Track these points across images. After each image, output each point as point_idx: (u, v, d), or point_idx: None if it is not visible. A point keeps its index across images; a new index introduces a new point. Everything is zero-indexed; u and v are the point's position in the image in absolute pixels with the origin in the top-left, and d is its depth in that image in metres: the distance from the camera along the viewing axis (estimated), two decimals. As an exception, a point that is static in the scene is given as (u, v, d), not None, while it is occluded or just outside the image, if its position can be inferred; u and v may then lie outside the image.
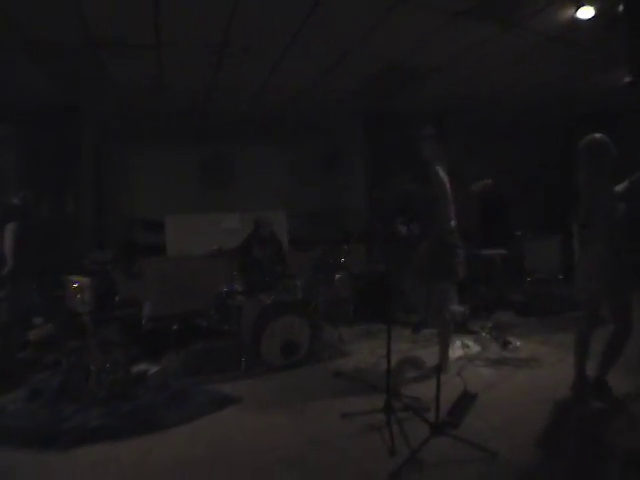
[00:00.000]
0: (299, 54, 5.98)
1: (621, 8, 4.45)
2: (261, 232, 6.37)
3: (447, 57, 6.36)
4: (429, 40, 5.72)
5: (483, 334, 5.78)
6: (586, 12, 5.03)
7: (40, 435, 3.58)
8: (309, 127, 9.87)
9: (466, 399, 3.90)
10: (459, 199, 5.54)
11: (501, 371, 4.74)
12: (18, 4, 4.40)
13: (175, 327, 6.14)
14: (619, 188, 3.91)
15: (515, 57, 6.36)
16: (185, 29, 5.15)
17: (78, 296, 4.42)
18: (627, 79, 4.93)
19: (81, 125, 7.90)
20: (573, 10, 5.03)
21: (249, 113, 8.68)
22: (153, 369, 4.92)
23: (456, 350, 5.32)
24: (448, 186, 4.76)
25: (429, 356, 5.14)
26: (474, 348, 5.40)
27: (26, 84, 6.54)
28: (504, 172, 10.19)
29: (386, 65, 6.55)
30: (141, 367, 4.87)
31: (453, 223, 4.72)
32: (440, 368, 3.65)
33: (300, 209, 9.81)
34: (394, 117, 9.06)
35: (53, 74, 6.24)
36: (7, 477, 3.16)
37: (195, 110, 8.36)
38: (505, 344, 5.43)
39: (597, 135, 3.98)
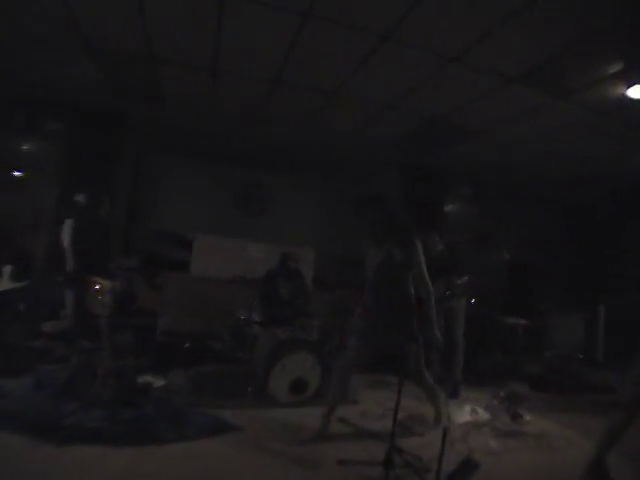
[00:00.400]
0: (350, 94, 6.11)
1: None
2: (287, 266, 6.39)
3: (491, 121, 6.47)
4: (475, 102, 5.84)
5: (495, 402, 5.65)
6: (637, 91, 5.08)
7: (39, 425, 3.60)
8: (349, 169, 9.96)
9: (468, 467, 3.79)
10: (487, 264, 5.57)
11: (508, 444, 4.59)
12: (85, 8, 4.61)
13: (187, 345, 6.17)
14: None
15: (561, 128, 6.42)
16: (243, 55, 5.33)
17: (99, 298, 4.48)
18: None
19: (127, 132, 8.16)
20: (624, 88, 5.10)
21: (294, 144, 8.81)
22: (159, 382, 4.93)
23: (464, 415, 5.19)
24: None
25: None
26: (483, 416, 5.26)
27: (84, 85, 6.75)
28: (534, 243, 10.19)
29: (429, 120, 6.66)
30: (147, 378, 4.88)
31: None
32: (445, 431, 3.56)
33: (329, 249, 9.84)
34: (431, 172, 9.15)
35: (111, 79, 6.46)
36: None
37: (240, 135, 8.51)
38: (515, 417, 5.28)
39: None
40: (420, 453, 3.95)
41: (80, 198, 5.81)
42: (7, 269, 5.32)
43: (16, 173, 7.56)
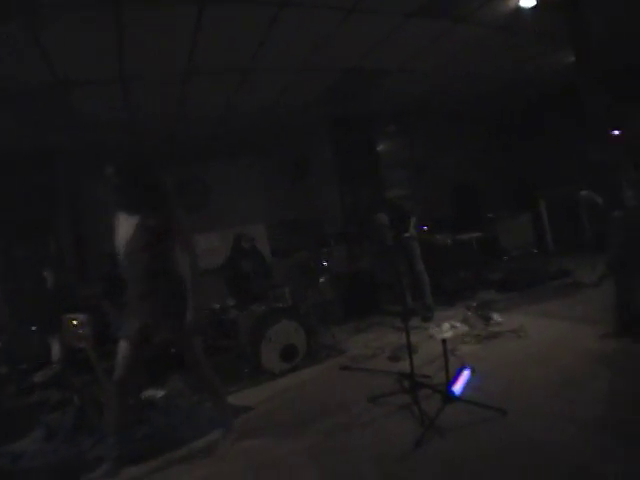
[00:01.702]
0: (261, 72, 6.21)
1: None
2: (243, 246, 6.51)
3: (402, 56, 6.64)
4: (383, 43, 5.99)
5: (469, 313, 6.04)
6: (528, 1, 5.38)
7: (65, 469, 3.66)
8: (277, 139, 10.04)
9: (465, 372, 4.10)
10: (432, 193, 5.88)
11: (490, 344, 5.01)
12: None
13: (174, 350, 6.27)
14: None
15: (466, 49, 6.67)
16: (149, 60, 5.31)
17: (80, 331, 4.50)
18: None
19: (54, 166, 7.94)
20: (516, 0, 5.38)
21: (217, 133, 8.83)
22: (160, 393, 5.04)
23: (445, 332, 5.56)
24: None
25: (419, 342, 5.39)
26: (462, 328, 5.63)
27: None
28: (471, 161, 10.61)
29: (344, 71, 6.79)
30: (149, 392, 5.00)
31: None
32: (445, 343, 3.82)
33: (277, 219, 9.99)
34: (358, 119, 9.31)
35: (22, 118, 6.32)
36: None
37: (164, 137, 8.48)
38: (487, 319, 5.72)
39: None
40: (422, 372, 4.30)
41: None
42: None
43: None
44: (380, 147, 9.77)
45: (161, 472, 3.49)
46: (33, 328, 5.99)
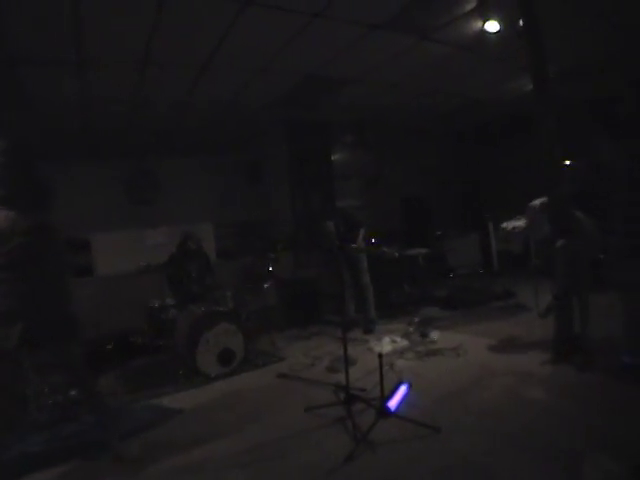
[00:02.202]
0: (219, 68, 6.08)
1: (521, 23, 4.82)
2: (189, 245, 6.38)
3: (365, 68, 6.63)
4: (346, 52, 5.97)
5: (410, 329, 6.06)
6: (492, 25, 5.48)
7: None
8: (232, 140, 9.93)
9: (402, 387, 4.10)
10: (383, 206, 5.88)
11: (429, 361, 5.03)
12: None
13: (110, 346, 6.10)
14: None
15: (429, 67, 6.74)
16: (107, 45, 5.12)
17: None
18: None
19: None
20: (481, 23, 5.47)
21: (171, 128, 8.64)
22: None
23: (385, 346, 5.55)
24: None
25: (358, 354, 5.40)
26: (402, 343, 5.64)
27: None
28: (423, 176, 10.71)
29: (305, 76, 6.75)
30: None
31: None
32: (380, 358, 3.80)
33: (226, 220, 9.88)
34: (315, 126, 9.27)
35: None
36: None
37: (117, 126, 8.22)
38: (424, 336, 5.77)
39: None
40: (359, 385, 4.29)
41: None
42: None
43: None
44: (335, 156, 9.75)
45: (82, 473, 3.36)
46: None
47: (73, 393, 4.41)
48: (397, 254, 7.39)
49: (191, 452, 3.49)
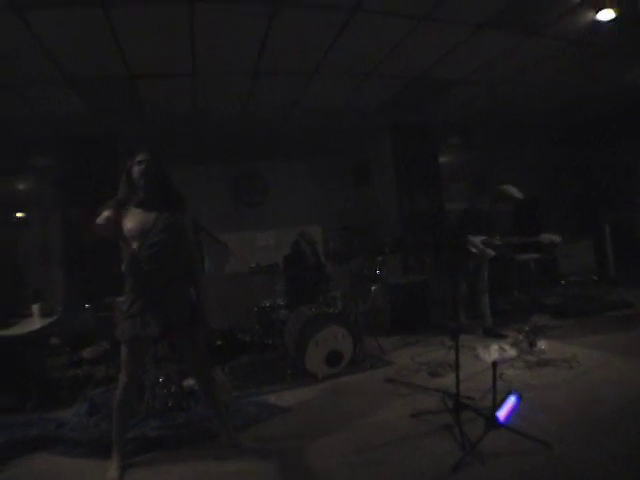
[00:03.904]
0: (327, 74, 6.22)
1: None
2: (304, 247, 6.50)
3: (471, 68, 6.53)
4: (453, 53, 5.91)
5: (520, 337, 5.87)
6: (606, 14, 5.12)
7: (103, 445, 3.69)
8: (339, 143, 10.04)
9: (512, 398, 3.99)
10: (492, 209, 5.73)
11: (541, 372, 4.83)
12: (60, 42, 4.74)
13: (219, 343, 6.37)
14: None
15: (538, 63, 6.50)
16: (219, 56, 5.43)
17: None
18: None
19: (118, 152, 8.05)
20: (593, 13, 5.15)
21: (278, 133, 8.89)
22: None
23: (493, 354, 5.41)
24: None
25: (464, 361, 5.25)
26: (511, 351, 5.47)
27: (66, 116, 6.84)
28: (534, 178, 10.30)
29: (411, 79, 6.73)
30: (191, 381, 5.06)
31: None
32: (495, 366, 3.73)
33: (333, 223, 9.99)
34: (421, 128, 9.19)
35: (92, 105, 6.56)
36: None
37: (227, 132, 8.59)
38: (531, 345, 5.55)
39: None
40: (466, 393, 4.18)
41: None
42: (36, 307, 5.46)
43: (18, 214, 7.75)
44: (442, 158, 9.61)
45: (192, 462, 3.54)
46: (87, 306, 6.18)
47: (186, 384, 4.69)
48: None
49: (298, 449, 3.58)
